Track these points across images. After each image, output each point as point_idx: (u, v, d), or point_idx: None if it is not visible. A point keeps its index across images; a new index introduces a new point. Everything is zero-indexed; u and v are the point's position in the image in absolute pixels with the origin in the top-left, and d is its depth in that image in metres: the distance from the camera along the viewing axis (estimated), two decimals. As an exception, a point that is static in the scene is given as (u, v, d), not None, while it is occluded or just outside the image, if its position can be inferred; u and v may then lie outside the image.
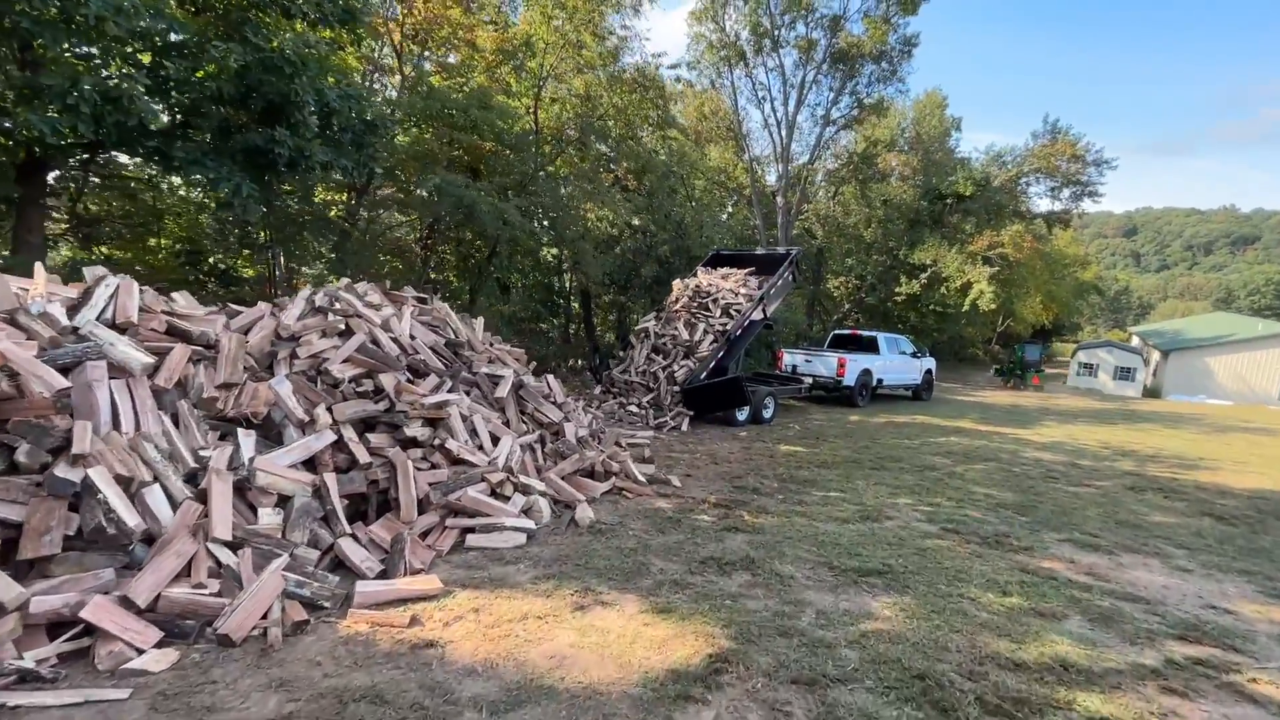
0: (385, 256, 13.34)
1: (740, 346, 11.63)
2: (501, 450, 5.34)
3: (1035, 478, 8.08)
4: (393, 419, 4.76)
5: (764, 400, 11.45)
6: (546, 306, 20.32)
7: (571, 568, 4.25)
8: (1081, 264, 50.35)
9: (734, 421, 10.82)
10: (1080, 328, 64.37)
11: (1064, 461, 9.38)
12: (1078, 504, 6.73)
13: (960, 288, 24.15)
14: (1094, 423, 14.93)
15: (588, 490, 5.85)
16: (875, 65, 26.67)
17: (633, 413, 10.39)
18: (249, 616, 3.05)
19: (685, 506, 5.84)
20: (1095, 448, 10.97)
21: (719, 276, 12.54)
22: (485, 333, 7.71)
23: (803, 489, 6.76)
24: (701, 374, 10.62)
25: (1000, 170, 26.01)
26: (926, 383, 17.36)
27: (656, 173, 14.86)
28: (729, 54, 26.71)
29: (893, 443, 10.39)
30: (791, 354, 15.21)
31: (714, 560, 4.46)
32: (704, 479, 7.01)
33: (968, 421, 13.97)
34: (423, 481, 4.54)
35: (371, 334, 5.37)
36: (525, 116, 11.47)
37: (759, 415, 11.37)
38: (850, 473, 7.76)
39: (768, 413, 11.60)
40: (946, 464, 8.70)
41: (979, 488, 7.27)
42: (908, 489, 7.00)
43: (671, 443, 9.12)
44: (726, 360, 11.26)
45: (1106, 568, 4.76)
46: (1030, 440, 11.43)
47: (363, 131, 7.97)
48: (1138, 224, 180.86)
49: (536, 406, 6.38)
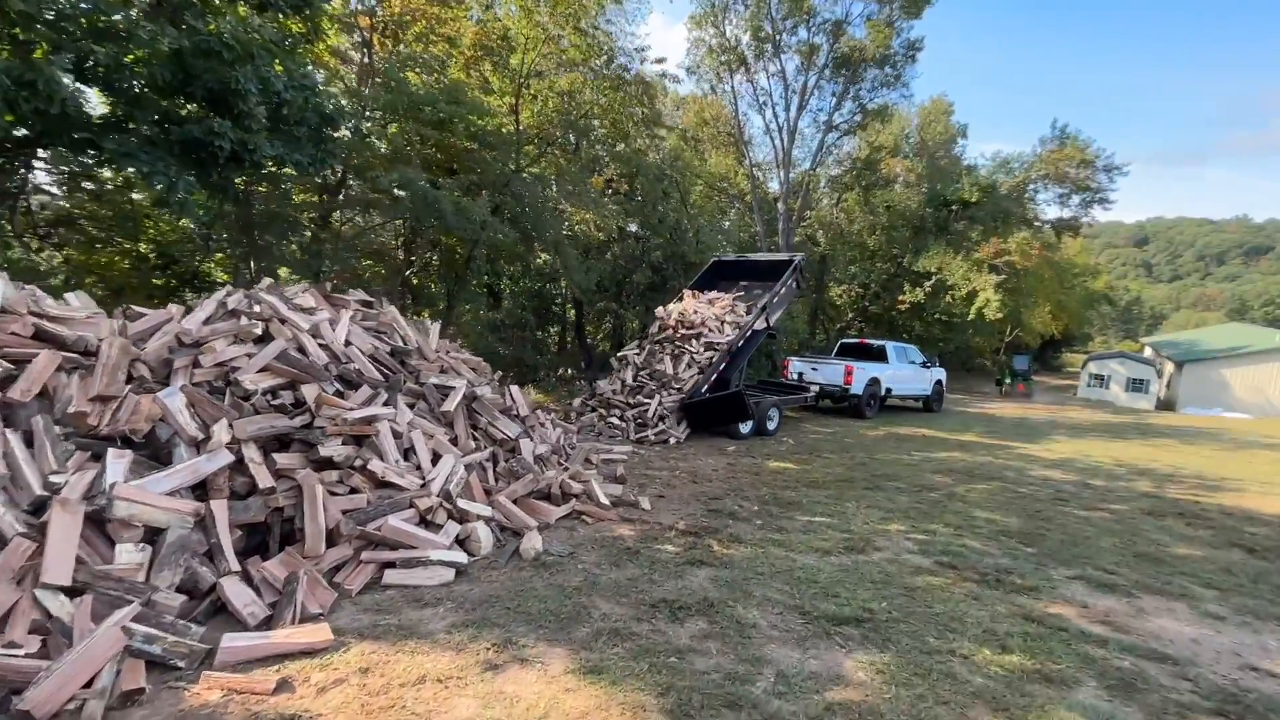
0: (368, 261, 12.88)
1: (743, 357, 11.15)
2: (440, 471, 4.77)
3: (1043, 500, 7.42)
4: (308, 436, 4.21)
5: (768, 412, 10.90)
6: (541, 314, 19.82)
7: (499, 611, 3.67)
8: (1092, 273, 49.47)
9: (737, 435, 10.26)
10: (1091, 338, 63.30)
11: (1074, 481, 8.70)
12: (1090, 532, 6.08)
13: (966, 296, 23.46)
14: (1106, 437, 14.20)
15: (542, 515, 5.27)
16: (878, 70, 26.16)
17: (614, 425, 9.81)
18: (65, 685, 2.48)
19: (649, 534, 5.24)
20: (1108, 465, 10.27)
21: (705, 302, 11.91)
22: (444, 340, 7.17)
23: (785, 513, 6.14)
24: (702, 387, 10.05)
25: (1007, 177, 25.36)
26: (937, 393, 16.87)
27: (648, 176, 14.34)
28: (729, 59, 26.31)
29: (891, 458, 9.74)
30: (798, 362, 14.74)
31: (667, 603, 3.86)
32: (678, 500, 6.41)
33: (973, 435, 13.30)
34: (335, 509, 3.98)
35: (298, 340, 4.83)
36: (506, 116, 11.00)
37: (763, 427, 10.82)
38: (841, 493, 7.13)
39: (772, 424, 11.07)
40: (947, 483, 8.05)
41: (980, 511, 6.63)
42: (902, 513, 6.36)
43: (651, 458, 8.52)
44: (729, 372, 10.73)
45: (1125, 614, 4.11)
46: (1038, 457, 10.75)
47: (319, 125, 7.49)
48: (1149, 234, 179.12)
49: (491, 421, 5.81)
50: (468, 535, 4.52)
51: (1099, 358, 30.84)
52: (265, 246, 10.17)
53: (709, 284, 12.94)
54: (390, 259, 12.81)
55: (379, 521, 4.09)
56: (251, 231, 9.84)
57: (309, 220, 10.33)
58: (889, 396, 15.18)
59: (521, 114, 11.28)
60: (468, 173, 9.90)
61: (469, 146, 9.56)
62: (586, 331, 19.89)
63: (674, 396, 10.06)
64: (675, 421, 9.82)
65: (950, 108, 35.13)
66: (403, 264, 13.04)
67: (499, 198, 9.94)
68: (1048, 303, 37.38)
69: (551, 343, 21.74)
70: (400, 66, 8.84)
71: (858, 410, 14.13)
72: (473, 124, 9.05)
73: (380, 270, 13.16)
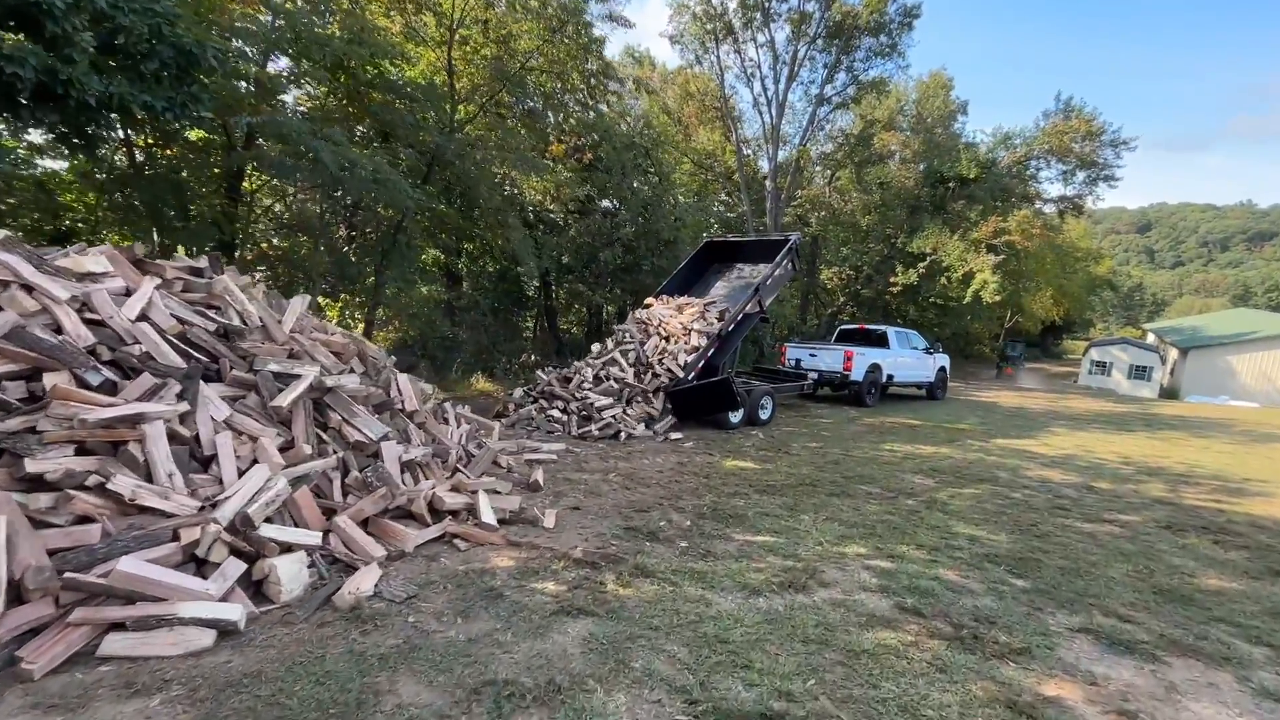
0: (303, 237, 11.57)
1: (733, 343, 10.35)
2: (241, 488, 3.60)
3: (1040, 508, 6.27)
4: (13, 445, 3.03)
5: (760, 400, 10.24)
6: (510, 298, 18.60)
7: (245, 702, 2.52)
8: (1095, 258, 48.07)
9: (727, 425, 9.62)
10: (1092, 325, 62.12)
11: (1077, 484, 7.55)
12: (1097, 555, 4.92)
13: (962, 278, 22.22)
14: (1110, 429, 13.05)
15: (395, 540, 4.12)
16: (873, 39, 24.69)
17: (554, 419, 8.65)
18: None
19: (533, 564, 4.09)
20: (1114, 463, 9.12)
21: (673, 308, 10.84)
22: (320, 321, 5.99)
23: (722, 530, 4.99)
24: (689, 374, 9.34)
25: (1008, 152, 23.99)
26: (940, 380, 16.22)
27: (614, 143, 13.05)
28: (715, 27, 24.81)
29: (870, 455, 8.60)
30: (795, 349, 14.03)
31: (498, 687, 2.71)
32: (595, 513, 5.26)
33: (966, 425, 12.17)
34: (32, 547, 2.81)
35: (52, 314, 3.64)
36: (438, 71, 9.72)
37: (754, 416, 10.14)
38: (799, 501, 5.98)
39: (765, 413, 10.37)
40: (928, 487, 6.91)
41: (963, 526, 5.47)
42: (867, 529, 5.21)
43: (588, 458, 7.36)
44: (718, 358, 10.02)
45: (1150, 695, 2.96)
46: (1036, 453, 9.60)
47: (177, 62, 6.23)
48: (1152, 220, 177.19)
49: (347, 418, 4.64)
50: (265, 575, 3.36)
51: (1101, 344, 29.66)
52: (163, 217, 8.94)
53: (701, 266, 12.22)
54: (328, 234, 11.52)
55: (109, 565, 2.92)
56: (144, 198, 8.60)
57: (213, 184, 9.08)
58: (890, 384, 14.53)
59: (458, 68, 10.00)
60: (398, 138, 8.62)
61: (384, 99, 8.29)
62: (557, 316, 18.69)
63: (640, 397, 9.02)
64: (662, 410, 9.07)
65: (950, 82, 33.51)
66: (344, 240, 11.82)
67: (429, 162, 8.73)
68: (1049, 287, 36.13)
69: (524, 329, 20.57)
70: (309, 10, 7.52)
71: (858, 398, 13.54)
72: (381, 70, 7.75)
73: (317, 247, 11.91)
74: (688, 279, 11.99)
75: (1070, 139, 22.24)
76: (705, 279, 12.28)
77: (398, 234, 9.48)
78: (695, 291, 11.89)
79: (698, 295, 11.71)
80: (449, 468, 5.49)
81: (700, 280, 12.20)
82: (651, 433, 8.84)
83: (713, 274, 12.36)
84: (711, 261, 12.44)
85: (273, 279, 10.86)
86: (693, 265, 12.20)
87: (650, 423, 8.85)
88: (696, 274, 12.20)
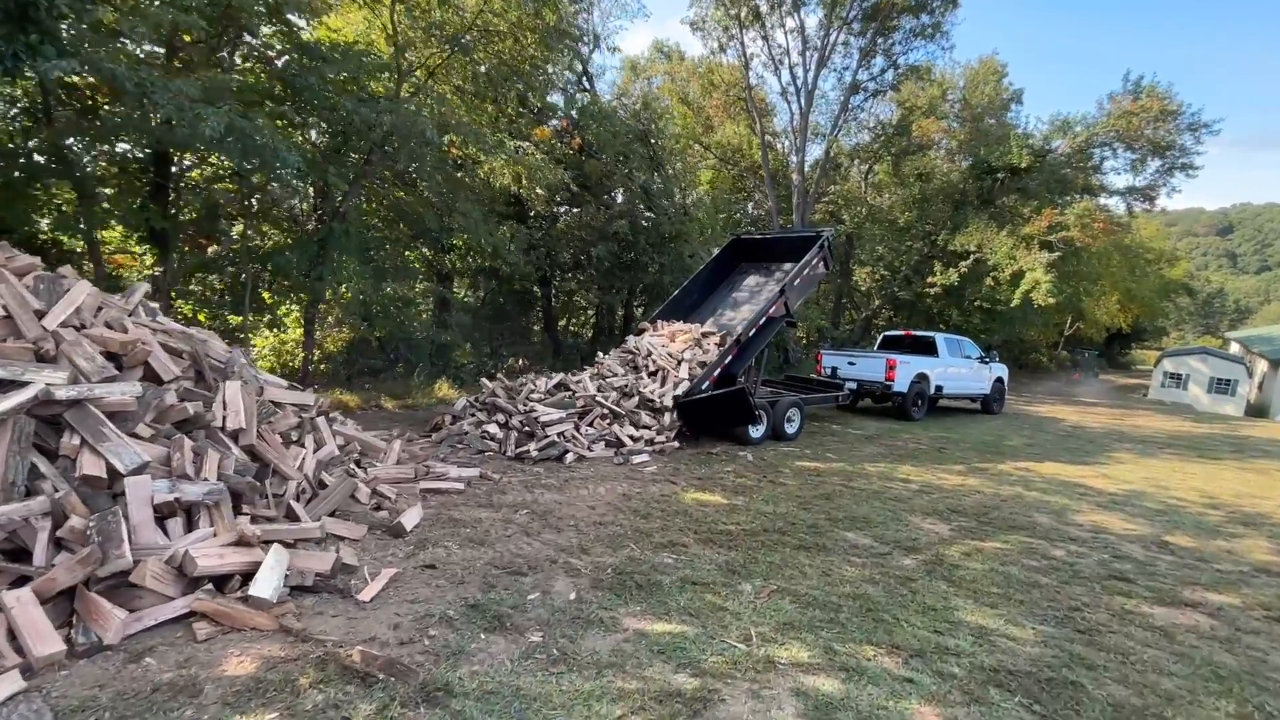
0: (266, 227, 10.54)
1: (754, 349, 9.26)
2: None
3: (1089, 578, 4.56)
4: None
5: (786, 413, 9.27)
6: (515, 297, 17.51)
7: None
8: (1169, 260, 43.96)
9: (747, 440, 8.72)
10: (1165, 333, 57.19)
11: (1144, 538, 5.74)
12: (1176, 672, 3.25)
13: (1011, 278, 19.91)
14: (1188, 456, 10.87)
15: (100, 625, 2.84)
16: (914, 18, 22.61)
17: (489, 435, 7.32)
18: None
19: (281, 672, 2.73)
20: (1196, 506, 7.18)
21: (665, 335, 9.67)
22: (161, 313, 4.84)
23: (616, 608, 3.54)
24: (703, 383, 8.46)
25: (1066, 138, 21.50)
26: (997, 392, 14.80)
27: (602, 125, 11.70)
28: (740, 11, 23.24)
29: (876, 485, 6.97)
30: (831, 356, 12.92)
31: None
32: (447, 578, 3.87)
33: (1008, 445, 10.34)
34: None
35: None
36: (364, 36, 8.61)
37: (780, 430, 9.18)
38: (750, 559, 4.46)
39: (791, 427, 9.43)
40: (937, 537, 5.26)
41: (971, 609, 3.85)
42: (827, 613, 3.66)
43: (508, 486, 6.01)
44: (736, 366, 9.00)
45: None
46: (1091, 487, 7.72)
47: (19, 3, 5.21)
48: (1234, 222, 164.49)
49: (91, 442, 3.40)
50: None
51: (1176, 354, 26.60)
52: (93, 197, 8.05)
53: (726, 265, 11.51)
54: (253, 221, 10.45)
55: None
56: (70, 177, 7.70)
57: (132, 161, 8.15)
58: (940, 396, 13.16)
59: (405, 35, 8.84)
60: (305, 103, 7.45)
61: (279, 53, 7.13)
62: (555, 318, 17.47)
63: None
64: (672, 423, 8.21)
65: (1002, 69, 30.92)
66: (313, 230, 10.81)
67: (340, 131, 7.59)
68: (1115, 291, 32.94)
69: (534, 331, 19.47)
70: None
71: (903, 411, 12.39)
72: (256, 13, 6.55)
73: (287, 238, 10.92)
74: (712, 278, 11.31)
75: (1141, 122, 19.62)
76: (731, 278, 11.54)
77: (332, 221, 8.38)
78: (720, 292, 11.24)
79: (722, 296, 11.14)
80: (280, 506, 4.21)
81: (726, 280, 11.50)
82: (613, 453, 7.46)
83: (739, 273, 11.60)
84: (738, 260, 11.70)
85: (216, 274, 9.96)
86: (718, 264, 11.49)
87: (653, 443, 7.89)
88: (722, 273, 11.50)
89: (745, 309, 10.39)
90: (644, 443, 7.93)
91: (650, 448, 7.85)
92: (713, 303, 11.09)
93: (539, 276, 15.18)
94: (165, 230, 8.57)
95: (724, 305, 10.98)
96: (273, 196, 9.64)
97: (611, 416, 8.11)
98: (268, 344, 10.06)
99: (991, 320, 23.43)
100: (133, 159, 8.02)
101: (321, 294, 8.82)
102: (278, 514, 4.22)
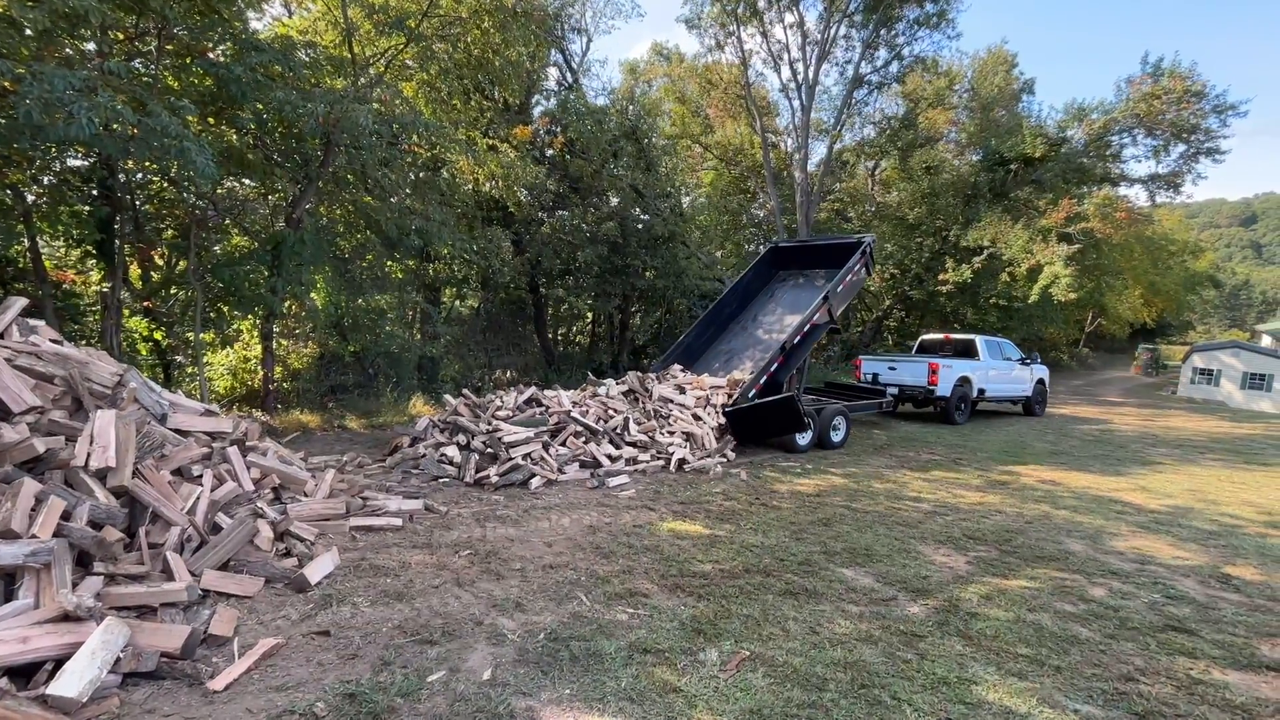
0: (238, 238, 9.86)
1: (799, 356, 9.40)
2: None
3: (1139, 628, 3.72)
4: None
5: (832, 420, 9.21)
6: (511, 306, 16.88)
7: None
8: (1193, 251, 42.33)
9: (795, 448, 8.70)
10: (1191, 327, 55.22)
11: (1198, 569, 4.86)
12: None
13: (1028, 273, 18.90)
14: (1234, 461, 9.87)
15: None
16: (917, 7, 21.77)
17: (445, 459, 6.61)
18: None
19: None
20: (1254, 524, 6.26)
21: (673, 387, 9.01)
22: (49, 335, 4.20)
23: (535, 693, 2.78)
24: (749, 391, 8.56)
25: (1083, 126, 20.48)
26: (1039, 394, 14.46)
27: (584, 122, 11.03)
28: (737, 8, 22.56)
29: (884, 506, 6.17)
30: (870, 362, 13.03)
31: None
32: (340, 650, 3.14)
33: (1033, 451, 9.47)
34: None
35: None
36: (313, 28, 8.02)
37: (825, 438, 9.12)
38: (722, 613, 3.69)
39: (837, 435, 9.34)
40: (950, 574, 4.44)
41: (992, 684, 3.03)
42: (809, 691, 2.86)
43: (455, 520, 5.28)
44: (782, 374, 9.08)
45: None
46: (1129, 503, 6.83)
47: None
48: (1258, 211, 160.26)
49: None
50: None
51: (1206, 349, 25.26)
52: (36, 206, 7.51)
53: (764, 273, 11.51)
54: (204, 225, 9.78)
55: None
56: None
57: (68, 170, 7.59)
58: (981, 399, 12.91)
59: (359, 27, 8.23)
60: (234, 100, 6.80)
61: (206, 47, 6.51)
62: (546, 326, 16.78)
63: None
64: (720, 432, 8.28)
65: (1012, 59, 29.94)
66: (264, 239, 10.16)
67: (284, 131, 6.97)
68: (1137, 285, 31.63)
69: (530, 342, 18.83)
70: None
71: (945, 415, 12.23)
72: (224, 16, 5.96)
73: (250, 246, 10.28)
74: (751, 286, 11.32)
75: (1163, 105, 18.57)
76: (770, 286, 11.56)
77: (285, 227, 7.77)
78: (759, 300, 11.22)
79: (761, 303, 11.11)
80: (158, 559, 3.52)
81: (765, 288, 11.51)
82: (588, 475, 6.73)
83: (777, 281, 11.63)
84: (776, 268, 11.74)
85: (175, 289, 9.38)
86: (756, 272, 11.48)
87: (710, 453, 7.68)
88: (761, 281, 11.51)
89: (788, 316, 10.29)
90: (624, 462, 7.18)
91: (631, 468, 7.10)
92: (753, 310, 11.09)
93: (528, 283, 14.54)
94: (103, 241, 7.98)
95: (764, 313, 10.94)
96: (233, 202, 9.05)
97: (588, 434, 7.37)
98: (224, 363, 9.46)
99: (1009, 318, 22.39)
100: (63, 164, 7.44)
101: (277, 307, 8.17)
102: (152, 569, 3.53)
